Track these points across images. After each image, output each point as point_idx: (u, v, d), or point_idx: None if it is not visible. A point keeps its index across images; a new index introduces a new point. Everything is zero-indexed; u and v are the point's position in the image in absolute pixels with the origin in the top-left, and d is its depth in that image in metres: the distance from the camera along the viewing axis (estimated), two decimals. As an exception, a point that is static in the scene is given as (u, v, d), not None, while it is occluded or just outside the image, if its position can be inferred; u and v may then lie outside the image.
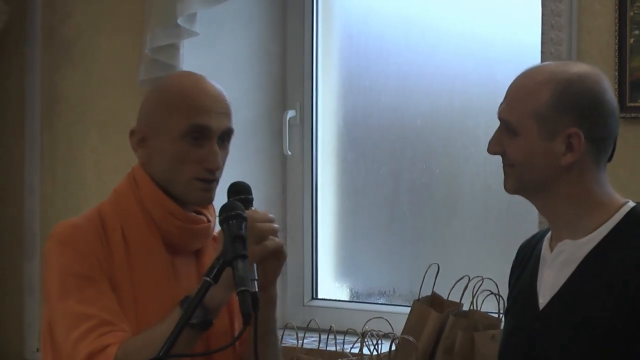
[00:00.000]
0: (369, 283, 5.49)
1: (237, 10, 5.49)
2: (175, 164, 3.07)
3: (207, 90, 3.19)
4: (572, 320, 2.87)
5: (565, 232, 2.95)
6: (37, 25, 5.74)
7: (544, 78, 2.94)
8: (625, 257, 2.86)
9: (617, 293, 2.82)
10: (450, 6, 5.30)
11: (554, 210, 2.99)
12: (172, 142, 3.07)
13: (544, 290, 2.97)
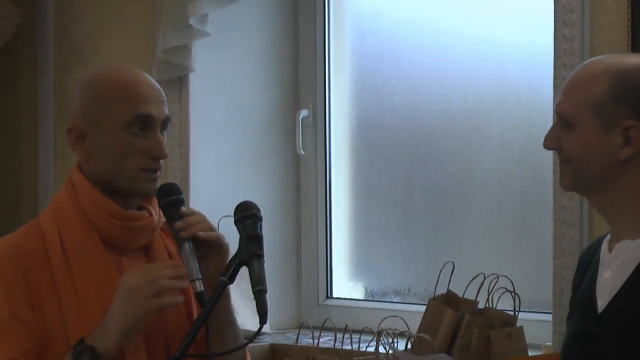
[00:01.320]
0: (383, 282, 5.43)
1: (249, 11, 5.44)
2: (121, 157, 2.98)
3: (143, 80, 3.12)
4: (633, 322, 2.78)
5: (623, 231, 2.85)
6: (49, 27, 5.70)
7: (601, 70, 2.87)
8: None
9: None
10: (462, 6, 5.24)
11: (611, 207, 2.90)
12: (115, 134, 2.99)
13: (602, 293, 2.88)
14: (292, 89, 5.63)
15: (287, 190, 5.57)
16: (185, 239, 2.87)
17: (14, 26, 5.47)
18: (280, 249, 5.40)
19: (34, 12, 5.72)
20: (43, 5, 5.67)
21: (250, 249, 2.79)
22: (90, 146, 3.00)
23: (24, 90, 5.65)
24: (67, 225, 3.04)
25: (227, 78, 5.32)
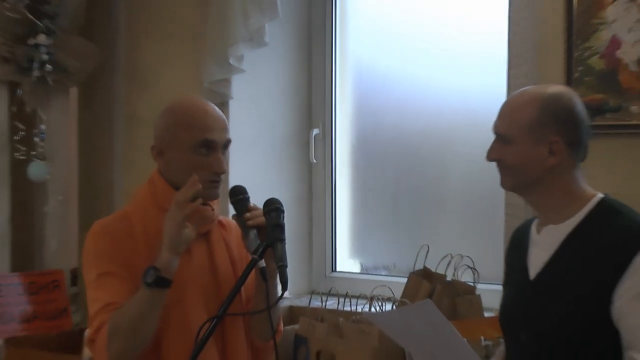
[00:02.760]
0: (375, 260, 5.80)
1: (274, 51, 5.66)
2: (190, 171, 3.35)
3: (209, 111, 3.50)
4: (557, 287, 3.12)
5: (549, 219, 3.22)
6: (120, 61, 5.96)
7: (529, 98, 3.21)
8: (598, 238, 3.08)
9: (592, 266, 3.03)
10: (437, 52, 5.50)
11: (541, 202, 3.25)
12: (185, 154, 3.41)
13: (533, 264, 3.23)
14: (306, 112, 5.93)
15: (302, 189, 5.91)
16: (251, 227, 3.30)
17: (95, 63, 5.75)
18: (297, 235, 5.69)
19: (110, 49, 5.92)
20: (117, 44, 5.94)
21: (274, 234, 3.21)
22: (167, 160, 3.48)
23: (102, 113, 5.98)
24: (149, 215, 3.48)
25: (257, 103, 5.70)
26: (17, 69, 5.52)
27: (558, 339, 3.10)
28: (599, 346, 3.05)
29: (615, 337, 2.99)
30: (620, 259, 2.97)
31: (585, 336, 3.04)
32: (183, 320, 3.39)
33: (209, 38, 5.52)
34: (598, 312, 3.00)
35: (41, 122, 5.67)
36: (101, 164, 6.09)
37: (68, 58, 5.60)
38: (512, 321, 3.31)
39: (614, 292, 2.95)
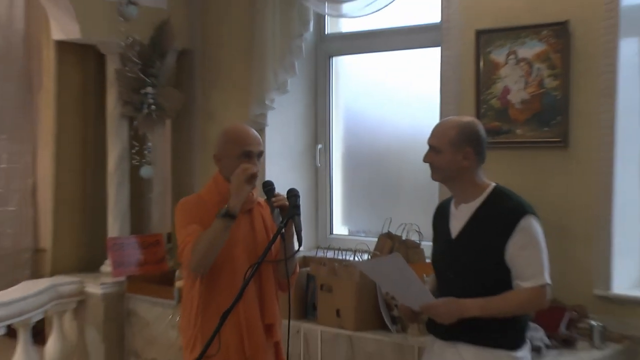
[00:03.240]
0: (357, 226, 5.69)
1: (293, 95, 5.57)
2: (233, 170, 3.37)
3: (247, 132, 3.53)
4: (470, 243, 3.20)
5: (462, 199, 3.27)
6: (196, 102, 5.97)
7: (452, 124, 3.26)
8: (494, 211, 3.17)
9: (492, 229, 3.13)
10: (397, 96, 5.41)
11: (458, 189, 3.29)
12: (233, 160, 3.41)
13: (453, 229, 3.27)
14: (313, 134, 5.79)
15: (311, 182, 5.77)
16: (275, 207, 3.32)
17: (181, 104, 5.74)
18: (308, 210, 5.51)
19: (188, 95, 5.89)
20: (193, 92, 5.91)
21: (294, 211, 3.27)
22: (223, 164, 3.51)
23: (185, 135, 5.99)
24: (213, 196, 3.50)
25: (283, 128, 5.63)
26: (134, 108, 5.56)
27: (472, 275, 3.18)
28: (497, 278, 3.13)
29: (506, 272, 3.11)
30: (509, 224, 3.10)
31: (488, 272, 3.14)
32: (232, 267, 3.41)
33: (252, 88, 5.52)
34: (496, 257, 3.11)
35: (148, 141, 5.70)
36: (184, 167, 6.11)
37: (165, 101, 5.64)
38: (442, 265, 3.36)
39: (507, 244, 3.08)
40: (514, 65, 4.35)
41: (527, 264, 3.09)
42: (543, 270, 3.09)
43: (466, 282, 3.19)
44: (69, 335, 5.54)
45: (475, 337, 3.15)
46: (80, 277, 5.59)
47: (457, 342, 3.20)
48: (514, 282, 3.11)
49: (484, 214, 3.21)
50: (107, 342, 5.45)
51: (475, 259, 3.18)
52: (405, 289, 3.31)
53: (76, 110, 5.87)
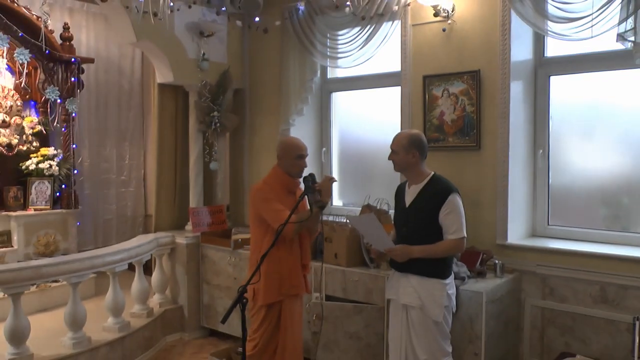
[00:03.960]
0: (348, 200, 5.53)
1: (307, 117, 5.50)
2: (294, 167, 3.45)
3: (301, 142, 3.52)
4: (417, 209, 3.19)
5: (413, 182, 3.27)
6: (246, 122, 5.88)
7: (405, 135, 3.26)
8: (432, 190, 3.17)
9: (431, 201, 3.15)
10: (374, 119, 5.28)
11: (409, 176, 3.27)
12: (291, 159, 3.44)
13: (407, 201, 3.26)
14: (320, 141, 5.64)
15: (319, 172, 5.49)
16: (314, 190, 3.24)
17: (236, 123, 5.68)
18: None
19: (241, 117, 5.82)
20: (244, 115, 5.83)
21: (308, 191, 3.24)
22: (283, 162, 3.46)
23: (238, 143, 5.88)
24: (273, 184, 3.44)
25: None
26: (206, 126, 5.50)
27: (417, 230, 3.20)
28: (433, 232, 3.16)
29: (439, 229, 3.16)
30: (441, 198, 3.14)
31: (429, 228, 3.16)
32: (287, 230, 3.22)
33: (280, 112, 5.50)
34: (432, 219, 3.15)
35: (215, 146, 5.61)
36: (237, 163, 6.01)
37: (226, 121, 5.58)
38: (399, 224, 3.34)
39: (439, 211, 3.13)
40: (447, 97, 4.34)
41: (451, 224, 3.13)
42: (462, 228, 3.13)
43: (414, 235, 3.21)
44: (166, 270, 5.56)
45: (419, 270, 3.20)
46: (173, 233, 5.59)
47: (407, 273, 3.25)
48: (444, 236, 3.15)
49: (426, 191, 3.21)
50: (189, 274, 5.46)
51: (420, 220, 3.20)
52: (376, 237, 3.29)
53: (170, 127, 5.88)
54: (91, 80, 6.87)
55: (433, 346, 3.17)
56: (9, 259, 5.56)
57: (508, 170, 4.07)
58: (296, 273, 3.45)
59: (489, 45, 4.10)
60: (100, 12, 6.72)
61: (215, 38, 5.54)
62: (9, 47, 5.59)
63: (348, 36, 4.88)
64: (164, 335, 5.30)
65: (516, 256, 4.04)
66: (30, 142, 6.16)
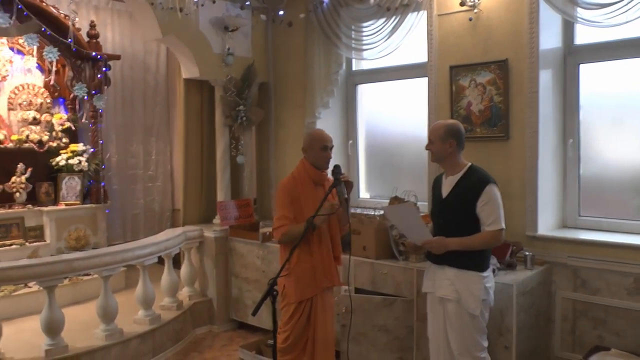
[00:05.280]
0: (375, 192, 5.52)
1: (333, 109, 5.49)
2: (319, 159, 3.42)
3: (325, 134, 3.49)
4: (454, 200, 3.12)
5: (449, 173, 3.20)
6: (272, 115, 5.89)
7: (440, 125, 3.18)
8: (469, 180, 3.10)
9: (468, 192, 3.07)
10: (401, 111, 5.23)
11: (446, 166, 3.20)
12: (316, 151, 3.41)
13: (444, 192, 3.19)
14: (346, 133, 5.64)
15: (345, 164, 5.52)
16: (341, 181, 3.24)
17: (262, 117, 5.71)
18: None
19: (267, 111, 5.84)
20: (269, 109, 5.86)
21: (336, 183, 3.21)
22: (309, 154, 3.44)
23: (264, 136, 5.95)
24: (303, 177, 3.42)
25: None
26: (232, 120, 5.55)
27: (454, 222, 3.13)
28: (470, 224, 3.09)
29: (476, 220, 3.08)
30: (478, 189, 3.06)
31: (466, 220, 3.10)
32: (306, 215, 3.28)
33: (306, 105, 5.50)
34: (470, 210, 3.07)
35: (241, 140, 5.67)
36: (264, 156, 6.04)
37: (251, 115, 5.62)
38: (436, 215, 3.28)
39: (477, 202, 3.05)
40: (474, 88, 4.31)
41: (488, 215, 3.06)
42: (499, 219, 3.06)
43: (451, 226, 3.15)
44: (194, 263, 5.63)
45: (456, 262, 3.14)
46: (201, 227, 5.65)
47: (444, 265, 3.19)
48: (482, 227, 3.08)
49: (463, 183, 3.15)
50: (217, 268, 5.52)
51: (457, 212, 3.14)
52: (413, 228, 3.24)
53: (196, 122, 5.94)
54: (117, 76, 6.99)
55: (468, 340, 3.13)
56: (42, 252, 5.70)
57: (537, 161, 4.02)
58: (329, 265, 3.44)
59: (517, 34, 4.05)
60: (125, 10, 6.86)
61: (239, 32, 5.58)
62: (39, 45, 5.71)
63: (373, 28, 4.88)
64: (193, 328, 5.39)
65: (546, 248, 3.99)
66: (60, 138, 6.32)
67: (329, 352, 3.48)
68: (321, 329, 3.44)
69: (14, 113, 6.16)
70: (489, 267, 3.18)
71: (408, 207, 3.27)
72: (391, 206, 3.90)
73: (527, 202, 4.09)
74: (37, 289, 5.03)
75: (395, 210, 3.48)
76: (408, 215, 3.22)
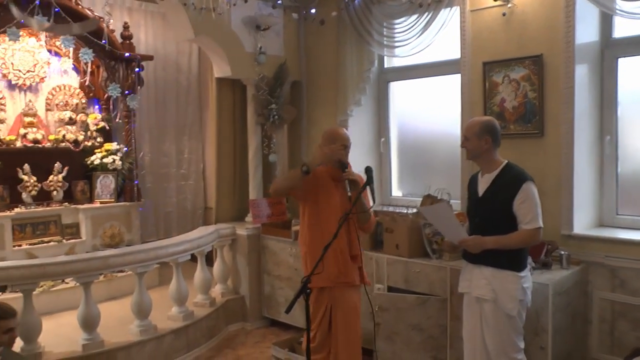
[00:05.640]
0: (407, 190, 5.52)
1: (365, 107, 5.48)
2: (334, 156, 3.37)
3: (342, 132, 3.46)
4: (491, 198, 3.11)
5: (485, 171, 3.19)
6: (304, 114, 5.90)
7: (476, 122, 3.18)
8: (506, 178, 3.09)
9: (504, 190, 3.05)
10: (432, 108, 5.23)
11: (482, 164, 3.18)
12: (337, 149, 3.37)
13: (480, 190, 3.17)
14: (378, 131, 5.62)
15: (377, 163, 5.55)
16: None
17: (294, 115, 5.71)
18: (376, 181, 5.08)
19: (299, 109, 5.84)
20: (302, 107, 5.87)
21: (369, 181, 3.18)
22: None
23: (296, 134, 5.95)
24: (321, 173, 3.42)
25: (358, 127, 5.45)
26: (264, 119, 5.57)
27: (491, 220, 3.11)
28: (507, 222, 3.06)
29: (513, 219, 3.05)
30: (515, 187, 3.04)
31: (503, 218, 3.07)
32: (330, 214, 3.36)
33: (338, 103, 5.51)
34: (507, 208, 3.05)
35: (273, 138, 5.70)
36: (296, 154, 6.03)
37: (284, 113, 5.64)
38: (472, 214, 3.28)
39: (513, 200, 3.02)
40: (508, 84, 4.27)
41: (526, 213, 3.03)
42: (537, 217, 3.03)
43: (487, 225, 3.14)
44: (227, 260, 5.69)
45: (493, 262, 3.12)
46: (233, 225, 5.71)
47: (481, 265, 3.17)
48: (519, 226, 3.05)
49: (499, 180, 3.14)
50: (250, 265, 5.56)
51: (494, 210, 3.12)
52: (449, 227, 3.23)
53: (229, 120, 5.98)
54: (150, 77, 7.10)
55: (505, 341, 3.09)
56: (78, 249, 5.84)
57: (573, 158, 3.97)
58: (343, 262, 3.41)
59: (552, 28, 4.00)
60: (158, 11, 6.97)
61: (271, 31, 5.61)
62: (75, 47, 5.85)
63: (405, 24, 4.86)
64: (226, 325, 5.45)
65: (582, 247, 3.94)
66: (95, 138, 6.46)
67: (352, 354, 3.44)
68: (343, 330, 3.41)
69: (51, 113, 6.31)
70: (527, 266, 3.15)
71: (443, 207, 3.26)
72: (427, 206, 3.89)
73: (562, 200, 4.03)
74: (74, 285, 5.15)
75: (431, 210, 3.46)
76: (443, 214, 3.21)
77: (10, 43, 5.78)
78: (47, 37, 5.78)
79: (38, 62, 6.14)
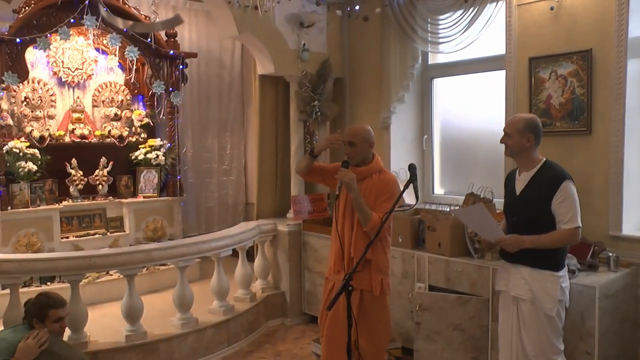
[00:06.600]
0: (450, 188, 5.50)
1: (408, 104, 5.46)
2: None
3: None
4: (529, 197, 3.09)
5: (524, 169, 3.17)
6: (346, 111, 5.91)
7: (519, 119, 3.15)
8: (545, 177, 3.06)
9: (543, 188, 3.03)
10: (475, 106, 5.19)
11: (521, 162, 3.16)
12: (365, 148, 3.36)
13: (518, 189, 3.16)
14: (421, 128, 5.60)
15: (420, 160, 5.54)
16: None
17: (336, 112, 5.73)
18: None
19: (341, 106, 5.87)
20: (344, 104, 5.89)
21: (413, 178, 3.07)
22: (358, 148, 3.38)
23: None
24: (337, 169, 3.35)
25: (401, 126, 5.51)
26: (307, 115, 5.61)
27: (530, 219, 3.09)
28: (545, 222, 3.05)
29: (552, 218, 3.03)
30: (554, 186, 3.02)
31: (541, 218, 3.05)
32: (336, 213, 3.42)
33: (381, 100, 5.52)
34: (545, 207, 3.03)
35: (316, 135, 5.72)
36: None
37: (326, 110, 5.66)
38: (509, 212, 3.25)
39: (553, 199, 3.00)
40: (554, 80, 4.23)
41: (565, 213, 3.00)
42: (576, 217, 3.00)
43: (525, 224, 3.12)
44: (268, 256, 5.74)
45: (530, 261, 3.10)
46: (274, 221, 5.75)
47: (518, 264, 3.15)
48: (557, 225, 3.03)
49: (538, 179, 3.12)
50: (291, 261, 5.62)
51: (532, 209, 3.10)
52: (486, 227, 3.22)
53: (271, 117, 6.01)
54: (194, 74, 7.22)
55: (544, 342, 3.07)
56: (122, 242, 6.01)
57: (623, 156, 3.90)
58: (337, 260, 3.40)
59: (603, 22, 3.94)
60: (202, 9, 7.11)
61: (315, 28, 5.65)
62: (121, 45, 5.99)
63: (450, 20, 4.85)
64: (266, 320, 5.52)
65: (632, 249, 3.85)
66: (139, 133, 6.63)
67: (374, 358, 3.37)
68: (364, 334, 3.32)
69: (97, 110, 6.50)
70: (564, 266, 3.13)
71: (478, 209, 3.21)
72: (462, 209, 3.89)
73: (611, 200, 3.96)
74: (118, 277, 5.30)
75: (465, 212, 3.47)
76: (479, 216, 3.19)
77: (61, 42, 5.97)
78: (94, 36, 5.95)
79: (86, 60, 6.33)
